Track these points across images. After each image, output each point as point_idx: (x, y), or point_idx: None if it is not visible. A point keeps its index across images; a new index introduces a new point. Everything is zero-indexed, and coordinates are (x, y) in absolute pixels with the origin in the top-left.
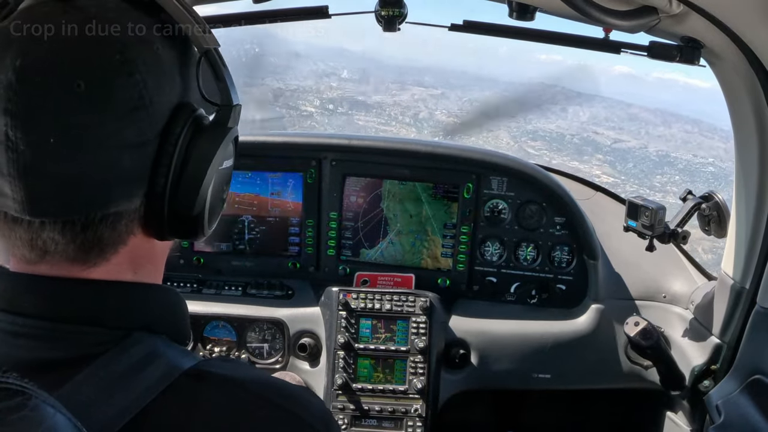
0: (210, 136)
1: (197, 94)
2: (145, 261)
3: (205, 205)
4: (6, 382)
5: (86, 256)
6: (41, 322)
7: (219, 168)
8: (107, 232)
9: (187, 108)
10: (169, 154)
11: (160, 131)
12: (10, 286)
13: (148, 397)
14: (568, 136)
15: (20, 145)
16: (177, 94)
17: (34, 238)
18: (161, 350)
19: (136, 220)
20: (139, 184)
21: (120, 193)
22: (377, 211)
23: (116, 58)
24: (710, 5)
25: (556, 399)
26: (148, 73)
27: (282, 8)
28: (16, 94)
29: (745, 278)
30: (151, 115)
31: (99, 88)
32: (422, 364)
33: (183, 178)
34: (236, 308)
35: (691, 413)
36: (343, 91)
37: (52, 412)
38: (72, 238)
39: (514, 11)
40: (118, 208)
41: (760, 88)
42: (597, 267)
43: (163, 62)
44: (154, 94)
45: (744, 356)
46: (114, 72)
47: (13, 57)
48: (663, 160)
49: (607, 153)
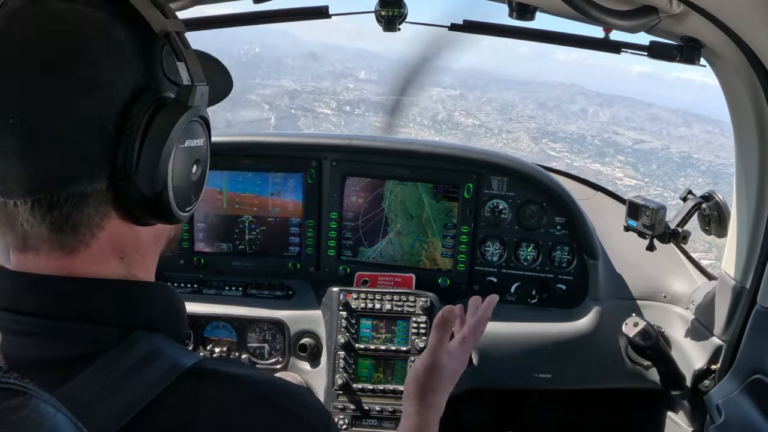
0: (166, 114)
1: (161, 76)
2: (129, 249)
3: (166, 183)
4: (6, 382)
5: (62, 238)
6: (42, 321)
7: (180, 146)
8: (75, 212)
9: (151, 91)
10: (129, 135)
11: (121, 113)
12: (11, 285)
13: (150, 395)
14: (588, 137)
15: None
16: (138, 78)
17: (14, 221)
18: (162, 349)
19: (107, 203)
20: (102, 165)
21: (82, 173)
22: (378, 210)
23: (72, 45)
24: (710, 5)
25: (557, 399)
26: (106, 57)
27: (282, 8)
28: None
29: (746, 278)
30: (110, 97)
31: (56, 70)
32: None
33: (141, 157)
34: (236, 308)
35: (691, 413)
36: (360, 93)
37: (53, 412)
38: (41, 218)
39: (514, 11)
40: (82, 188)
41: (760, 88)
42: (597, 267)
43: (122, 46)
44: (112, 77)
45: (744, 356)
46: (68, 58)
47: None
48: (686, 162)
49: (629, 154)
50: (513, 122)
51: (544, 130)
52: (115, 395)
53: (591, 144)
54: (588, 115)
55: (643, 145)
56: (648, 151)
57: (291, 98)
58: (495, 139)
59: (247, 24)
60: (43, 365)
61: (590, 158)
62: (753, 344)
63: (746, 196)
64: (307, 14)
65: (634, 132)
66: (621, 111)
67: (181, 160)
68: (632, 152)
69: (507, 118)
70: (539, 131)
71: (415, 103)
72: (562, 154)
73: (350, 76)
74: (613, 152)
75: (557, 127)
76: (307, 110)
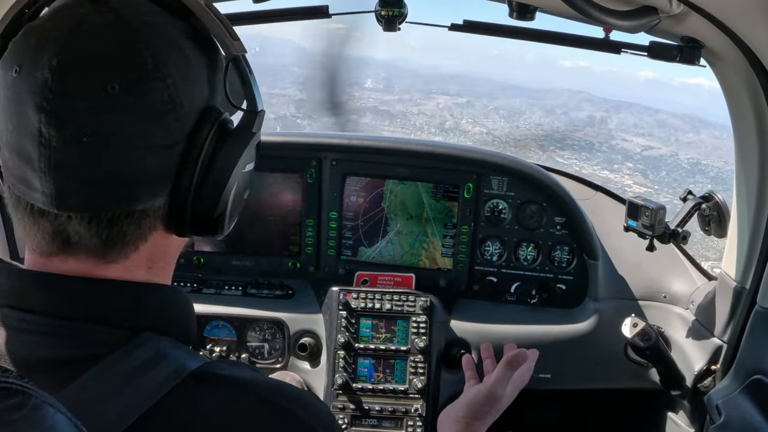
0: (235, 140)
1: (223, 98)
2: (160, 258)
3: (227, 206)
4: (6, 382)
5: (107, 251)
6: (48, 320)
7: (242, 171)
8: (131, 228)
9: (214, 112)
10: (195, 157)
11: (188, 133)
12: (20, 283)
13: (153, 398)
14: (596, 144)
15: (53, 142)
16: (204, 98)
17: (60, 231)
18: (167, 351)
19: (160, 218)
20: (165, 184)
21: (146, 192)
22: (378, 210)
23: (149, 61)
24: (710, 5)
25: (557, 399)
26: (179, 77)
27: (282, 8)
28: (52, 93)
29: (746, 278)
30: (180, 117)
31: (131, 90)
32: (422, 364)
33: (207, 180)
34: (236, 308)
35: (691, 413)
36: (366, 101)
37: (53, 412)
38: (97, 232)
39: (514, 11)
40: (143, 206)
41: (760, 88)
42: (597, 267)
43: (192, 66)
44: (183, 98)
45: (744, 356)
46: (146, 75)
47: (49, 56)
48: (694, 168)
49: (637, 161)
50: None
51: (552, 138)
52: (117, 397)
53: (599, 151)
54: (595, 121)
55: (652, 152)
56: (657, 157)
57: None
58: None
59: (247, 24)
60: (49, 364)
61: (599, 165)
62: (753, 345)
63: (746, 196)
64: (306, 14)
65: (643, 138)
66: (628, 117)
67: (241, 184)
68: (641, 159)
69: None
70: (547, 138)
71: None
72: (571, 161)
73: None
74: (622, 159)
75: (565, 134)
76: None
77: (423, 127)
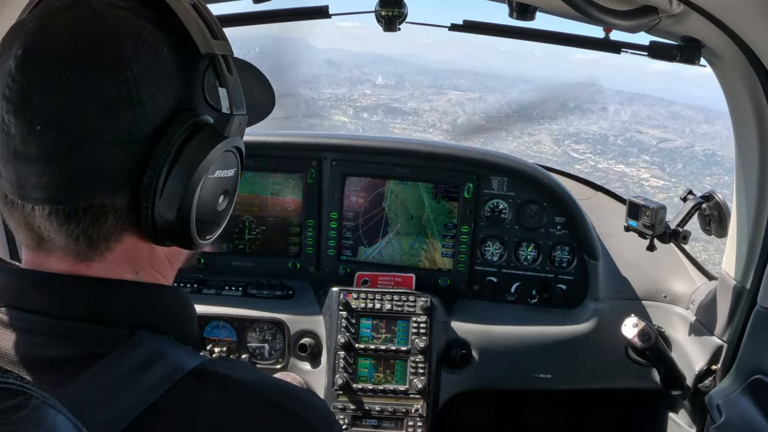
0: (200, 141)
1: (203, 100)
2: (145, 264)
3: (190, 212)
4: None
5: (78, 248)
6: (47, 319)
7: (209, 176)
8: (92, 225)
9: (188, 113)
10: (158, 156)
11: (152, 132)
12: (19, 282)
13: (151, 397)
14: (611, 137)
15: (11, 129)
16: (177, 98)
17: (30, 223)
18: (165, 350)
19: (127, 219)
20: (124, 181)
21: (102, 186)
22: (378, 210)
23: (109, 54)
24: (710, 5)
25: (557, 399)
26: (143, 73)
27: (282, 8)
28: (13, 81)
29: (746, 278)
30: (139, 114)
31: (86, 81)
32: (423, 364)
33: (168, 182)
34: (236, 308)
35: (692, 413)
36: (377, 98)
37: (53, 413)
38: (58, 226)
39: (515, 11)
40: (102, 202)
41: (760, 88)
42: (597, 267)
43: (163, 64)
44: (144, 93)
45: (745, 356)
46: (103, 67)
47: (17, 47)
48: (710, 160)
49: (654, 154)
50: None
51: (565, 132)
52: (116, 397)
53: (614, 144)
54: (609, 114)
55: (668, 144)
56: (672, 149)
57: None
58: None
59: (247, 24)
60: (48, 364)
61: (614, 159)
62: (753, 344)
63: (746, 196)
64: (307, 14)
65: (658, 130)
66: (642, 109)
67: (209, 190)
68: (657, 152)
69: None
70: (561, 133)
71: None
72: (586, 155)
73: (367, 82)
74: (638, 152)
75: (579, 128)
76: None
77: (435, 124)
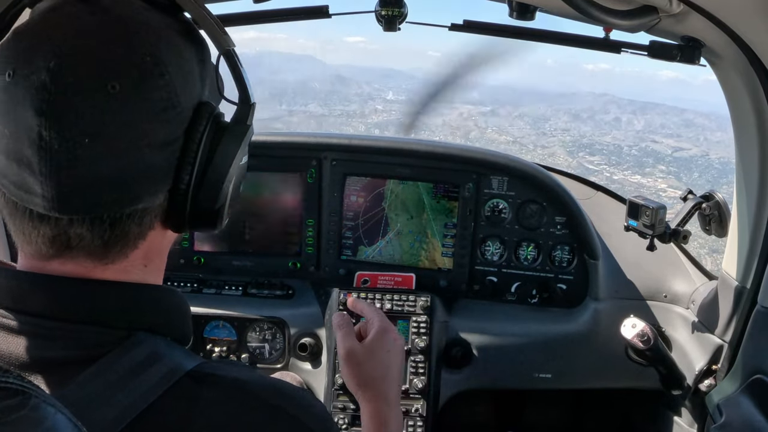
0: (232, 134)
1: (211, 92)
2: (155, 254)
3: (226, 199)
4: (6, 382)
5: (108, 252)
6: (45, 321)
7: (239, 164)
8: (133, 228)
9: (208, 107)
10: (194, 152)
11: (185, 129)
12: (16, 284)
13: (149, 398)
14: (625, 147)
15: (54, 145)
16: (198, 94)
17: (60, 234)
18: (163, 351)
19: (160, 215)
20: (165, 181)
21: (148, 190)
22: (378, 210)
23: (148, 59)
24: (710, 5)
25: (557, 399)
26: (176, 74)
27: (282, 8)
28: (51, 95)
29: (746, 278)
30: (179, 114)
31: (133, 89)
32: (423, 364)
33: (207, 175)
34: (236, 308)
35: (692, 413)
36: (389, 114)
37: (53, 412)
38: (100, 234)
39: (515, 11)
40: (144, 205)
41: (761, 88)
42: (598, 267)
43: (186, 62)
44: (180, 94)
45: (745, 356)
46: (146, 73)
47: (45, 58)
48: (726, 168)
49: (669, 163)
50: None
51: (579, 143)
52: (115, 397)
53: (629, 155)
54: (622, 124)
55: (683, 153)
56: (688, 158)
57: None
58: (531, 155)
59: (247, 24)
60: (46, 365)
61: (629, 170)
62: (754, 344)
63: (746, 195)
64: (307, 14)
65: (672, 139)
66: (655, 118)
67: (237, 176)
68: (672, 161)
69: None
70: (575, 144)
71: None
72: (601, 167)
73: (378, 98)
74: (653, 162)
75: (593, 139)
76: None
77: (448, 139)
